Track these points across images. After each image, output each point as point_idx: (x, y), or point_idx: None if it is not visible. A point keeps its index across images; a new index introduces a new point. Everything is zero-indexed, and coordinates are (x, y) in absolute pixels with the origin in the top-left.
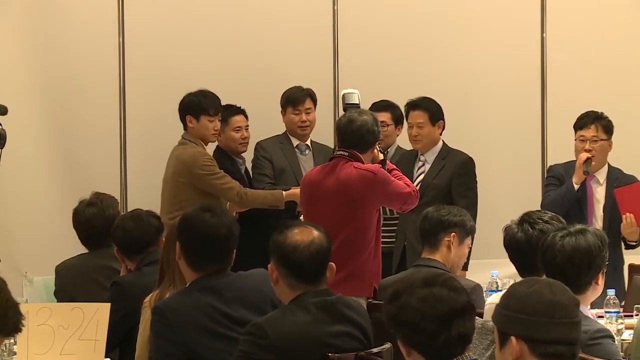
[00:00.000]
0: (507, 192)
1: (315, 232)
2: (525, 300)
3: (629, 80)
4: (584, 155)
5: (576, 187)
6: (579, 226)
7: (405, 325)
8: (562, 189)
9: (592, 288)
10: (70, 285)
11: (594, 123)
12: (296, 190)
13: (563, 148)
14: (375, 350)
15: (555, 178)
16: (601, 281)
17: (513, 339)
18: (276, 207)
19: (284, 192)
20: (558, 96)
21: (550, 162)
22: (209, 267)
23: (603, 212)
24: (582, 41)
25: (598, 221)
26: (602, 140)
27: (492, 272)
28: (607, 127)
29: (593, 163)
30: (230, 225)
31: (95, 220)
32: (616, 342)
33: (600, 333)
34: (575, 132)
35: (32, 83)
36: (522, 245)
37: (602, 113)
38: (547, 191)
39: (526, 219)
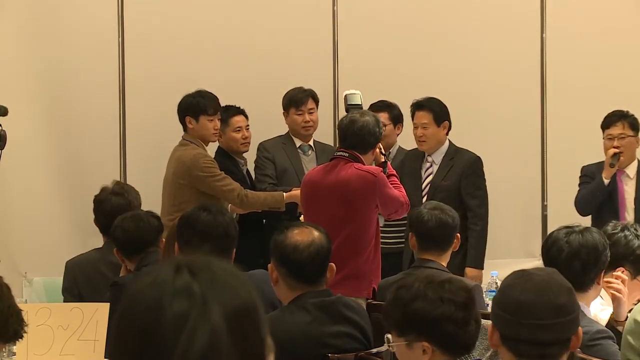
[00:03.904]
0: (507, 193)
1: (316, 233)
2: (501, 293)
3: (629, 81)
4: (612, 150)
5: (606, 181)
6: (582, 226)
7: (436, 320)
8: (592, 184)
9: (594, 287)
10: (80, 281)
11: (620, 121)
12: (297, 192)
13: (563, 148)
14: (374, 350)
15: (586, 176)
16: (602, 281)
17: (491, 325)
18: (277, 208)
19: (284, 193)
20: (558, 96)
21: (550, 162)
22: None
23: (634, 204)
24: (582, 42)
25: (630, 214)
26: (629, 136)
27: (492, 273)
28: (633, 124)
29: (622, 158)
30: (227, 225)
31: (121, 210)
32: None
33: (600, 334)
34: (603, 132)
35: (32, 84)
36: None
37: (627, 111)
38: (579, 190)
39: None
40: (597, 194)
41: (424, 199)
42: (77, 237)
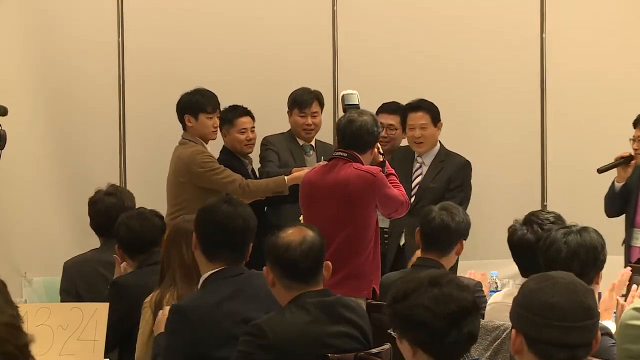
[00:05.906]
0: (507, 193)
1: (308, 231)
2: (527, 297)
3: (629, 81)
4: (620, 154)
5: (618, 185)
6: (579, 226)
7: (416, 325)
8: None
9: (593, 287)
10: (78, 281)
11: None
12: (298, 173)
13: (563, 148)
14: (374, 350)
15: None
16: (600, 281)
17: (514, 331)
18: (280, 192)
19: (285, 177)
20: (557, 97)
21: (550, 162)
22: (223, 256)
23: None
24: (582, 42)
25: None
26: None
27: (491, 272)
28: None
29: (633, 162)
30: (247, 217)
31: (114, 210)
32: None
33: (600, 330)
34: None
35: (32, 84)
36: (532, 245)
37: None
38: None
39: (533, 219)
40: (610, 196)
41: (412, 200)
42: (77, 237)
